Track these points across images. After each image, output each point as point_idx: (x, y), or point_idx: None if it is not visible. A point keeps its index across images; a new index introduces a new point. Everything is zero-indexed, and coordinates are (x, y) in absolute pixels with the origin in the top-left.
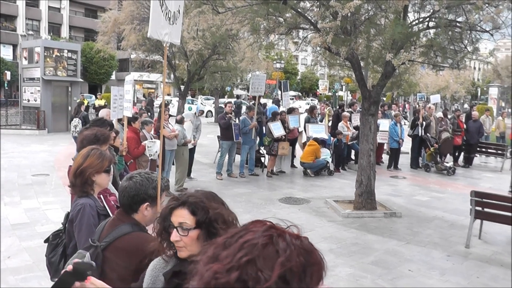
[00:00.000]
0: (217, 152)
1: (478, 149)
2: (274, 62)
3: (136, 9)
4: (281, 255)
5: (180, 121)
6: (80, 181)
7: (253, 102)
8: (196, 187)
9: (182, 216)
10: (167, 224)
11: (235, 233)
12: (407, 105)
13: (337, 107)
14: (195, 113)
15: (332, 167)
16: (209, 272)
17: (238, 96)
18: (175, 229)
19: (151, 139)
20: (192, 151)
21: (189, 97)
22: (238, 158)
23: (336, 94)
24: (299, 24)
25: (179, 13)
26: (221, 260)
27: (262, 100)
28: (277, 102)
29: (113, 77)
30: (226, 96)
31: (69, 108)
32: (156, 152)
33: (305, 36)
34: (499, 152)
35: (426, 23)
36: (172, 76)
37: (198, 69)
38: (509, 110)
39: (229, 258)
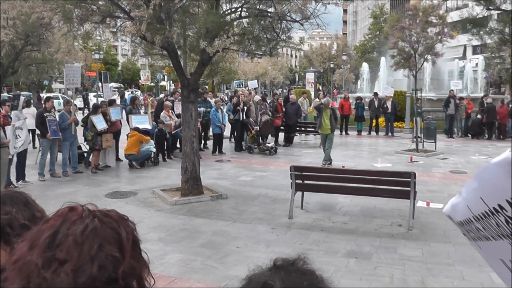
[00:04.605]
0: (38, 151)
1: (297, 128)
2: (93, 53)
3: None
4: (119, 232)
5: None
6: None
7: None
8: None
9: None
10: None
11: (57, 228)
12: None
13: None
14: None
15: (160, 157)
16: (63, 275)
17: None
18: None
19: None
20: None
21: (5, 94)
22: (60, 156)
23: (159, 84)
24: (113, 13)
25: None
26: (67, 259)
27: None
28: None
29: None
30: (44, 91)
31: None
32: None
33: (121, 24)
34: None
35: (239, 12)
36: None
37: (11, 62)
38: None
39: (76, 253)
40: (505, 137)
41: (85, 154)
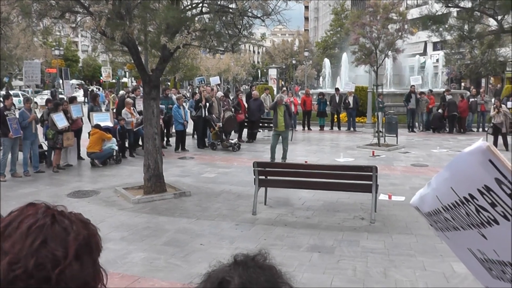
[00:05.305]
0: None
1: (260, 124)
2: (53, 49)
3: None
4: (70, 231)
5: None
6: None
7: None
8: None
9: None
10: None
11: (11, 220)
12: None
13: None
14: None
15: (126, 154)
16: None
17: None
18: None
19: None
20: None
21: None
22: (21, 155)
23: (120, 80)
24: (72, 8)
25: None
26: (9, 251)
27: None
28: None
29: None
30: (5, 88)
31: None
32: None
33: (80, 19)
34: None
35: (200, 8)
36: None
37: None
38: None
39: (19, 245)
40: (466, 131)
41: (46, 153)
